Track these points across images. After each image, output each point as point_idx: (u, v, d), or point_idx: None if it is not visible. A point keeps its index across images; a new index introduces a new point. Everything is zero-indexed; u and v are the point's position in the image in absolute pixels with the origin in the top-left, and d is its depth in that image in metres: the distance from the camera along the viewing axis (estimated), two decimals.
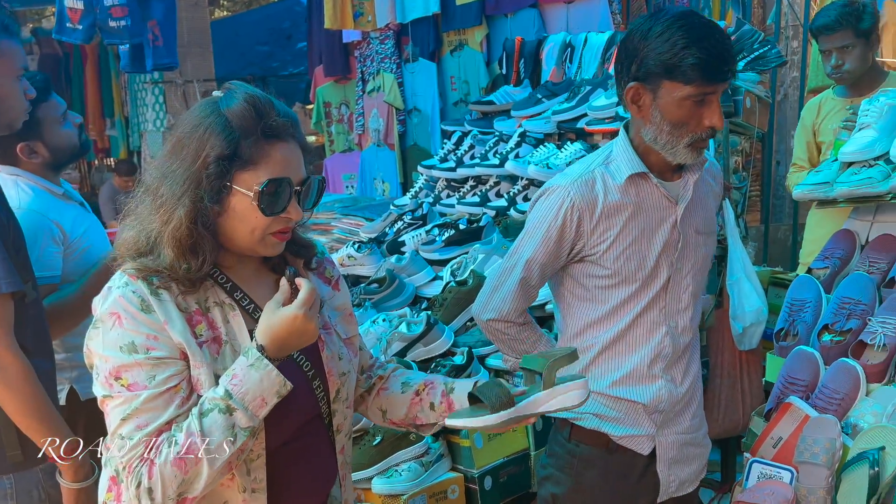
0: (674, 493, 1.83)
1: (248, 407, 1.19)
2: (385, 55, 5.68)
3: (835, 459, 1.82)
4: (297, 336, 1.22)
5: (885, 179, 2.13)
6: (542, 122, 3.49)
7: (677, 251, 1.74)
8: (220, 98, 1.26)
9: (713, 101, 1.60)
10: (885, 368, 1.96)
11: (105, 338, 1.22)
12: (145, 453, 1.18)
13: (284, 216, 1.28)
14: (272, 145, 1.25)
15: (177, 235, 1.23)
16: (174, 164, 1.24)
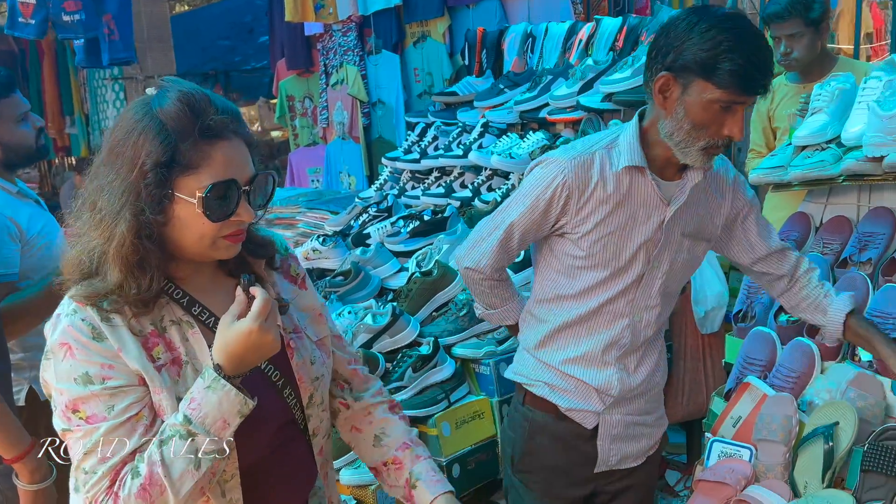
0: (614, 465, 1.89)
1: (209, 430, 1.13)
2: (348, 47, 5.65)
3: (791, 436, 1.86)
4: (254, 350, 1.15)
5: (836, 162, 2.18)
6: (505, 112, 3.51)
7: (656, 249, 1.74)
8: (153, 98, 1.18)
9: (739, 111, 1.56)
10: (839, 347, 2.01)
11: (57, 370, 1.16)
12: (110, 487, 1.14)
13: (235, 219, 1.20)
14: (213, 145, 1.17)
15: (121, 253, 1.15)
16: (110, 175, 1.16)
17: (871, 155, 2.07)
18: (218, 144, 1.17)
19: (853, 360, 1.98)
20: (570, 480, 1.89)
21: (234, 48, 9.70)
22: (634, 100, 3.05)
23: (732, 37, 1.51)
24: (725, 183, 1.82)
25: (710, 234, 1.83)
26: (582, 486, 1.90)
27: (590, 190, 1.69)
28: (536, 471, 1.91)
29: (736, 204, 1.84)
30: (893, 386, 1.86)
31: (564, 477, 1.88)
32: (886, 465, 1.69)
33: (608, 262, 1.74)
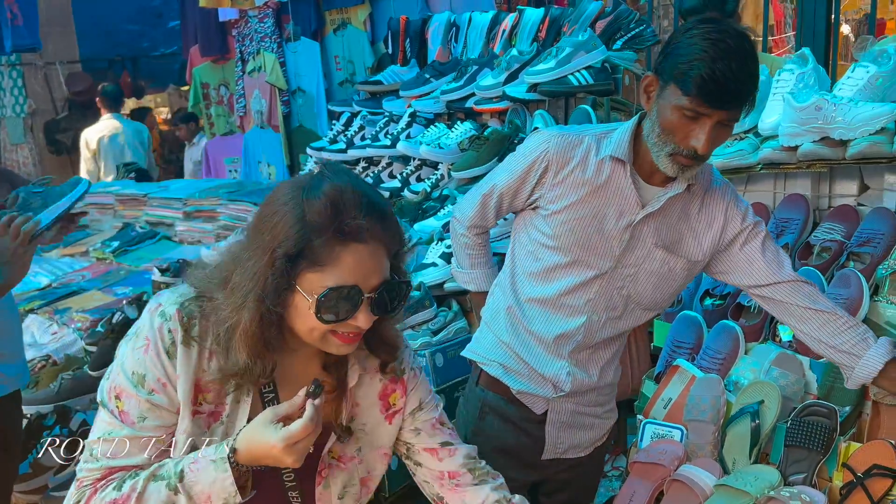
0: (561, 454, 1.92)
1: (192, 497, 1.16)
2: (265, 34, 5.51)
3: (720, 416, 1.94)
4: (271, 461, 1.15)
5: (754, 151, 2.27)
6: (431, 101, 3.51)
7: (620, 249, 1.73)
8: (306, 183, 1.16)
9: (706, 123, 1.53)
10: (761, 328, 2.11)
11: (131, 354, 1.22)
12: (98, 480, 1.20)
13: (351, 322, 1.17)
14: (345, 247, 1.13)
15: (245, 338, 1.16)
16: (247, 253, 1.17)
17: (787, 144, 2.17)
18: (350, 247, 1.14)
19: (774, 340, 2.08)
20: (519, 464, 1.89)
21: (141, 33, 9.29)
22: (559, 90, 3.10)
23: (711, 47, 1.49)
24: (720, 205, 1.77)
25: (691, 253, 1.76)
26: (530, 472, 1.92)
27: (568, 168, 1.71)
28: (486, 452, 1.89)
29: (731, 227, 1.77)
30: (812, 364, 1.97)
31: (513, 460, 1.88)
32: (808, 439, 1.79)
33: (571, 247, 1.73)
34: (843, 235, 2.14)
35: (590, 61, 3.11)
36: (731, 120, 1.56)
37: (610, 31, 3.32)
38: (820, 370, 1.95)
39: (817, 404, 1.83)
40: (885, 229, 2.09)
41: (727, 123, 1.56)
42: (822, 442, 1.78)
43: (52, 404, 2.58)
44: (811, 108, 2.09)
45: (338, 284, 1.13)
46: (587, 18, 3.39)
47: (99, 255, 3.88)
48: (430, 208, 2.98)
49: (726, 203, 1.77)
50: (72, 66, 8.53)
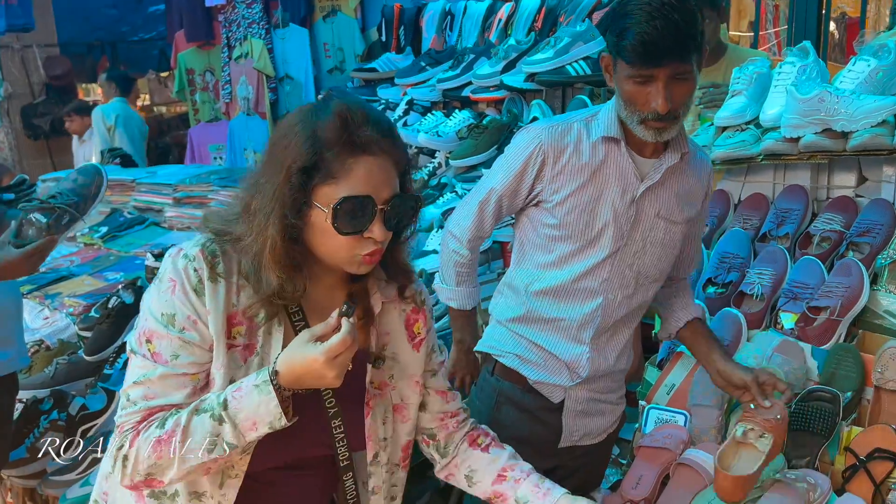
0: (577, 441, 1.93)
1: (237, 425, 1.16)
2: (252, 20, 5.46)
3: (724, 401, 1.98)
4: (313, 378, 1.15)
5: (756, 142, 2.31)
6: (427, 90, 3.50)
7: (629, 225, 1.74)
8: (314, 106, 1.21)
9: (659, 83, 1.56)
10: (763, 315, 2.14)
11: (158, 298, 1.22)
12: (139, 422, 1.20)
13: (367, 235, 1.20)
14: (356, 159, 1.17)
15: (275, 257, 1.18)
16: (263, 178, 1.21)
17: (789, 136, 2.20)
18: (361, 159, 1.18)
19: (776, 327, 2.11)
20: (535, 452, 1.87)
21: (121, 18, 9.14)
22: (557, 80, 3.12)
23: (638, 12, 1.54)
24: (705, 172, 1.84)
25: (687, 217, 1.81)
26: (546, 459, 1.89)
27: (565, 157, 1.71)
28: (503, 440, 1.91)
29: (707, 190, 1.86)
30: (813, 351, 2.01)
31: (529, 448, 1.86)
32: (811, 423, 1.83)
33: (581, 232, 1.74)
34: (842, 226, 2.18)
35: (588, 52, 3.12)
36: (681, 74, 1.58)
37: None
38: (821, 357, 1.99)
39: (821, 389, 1.87)
40: (883, 220, 2.13)
41: (680, 78, 1.58)
42: (825, 426, 1.82)
43: (47, 389, 2.55)
44: (814, 100, 2.12)
45: (351, 194, 1.17)
46: (584, 9, 3.41)
47: (87, 240, 3.83)
48: (428, 196, 2.98)
49: (709, 171, 1.87)
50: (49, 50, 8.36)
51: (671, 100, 1.58)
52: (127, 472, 1.19)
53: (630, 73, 1.59)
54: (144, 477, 1.19)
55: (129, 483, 1.21)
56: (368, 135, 1.18)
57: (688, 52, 1.56)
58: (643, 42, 1.53)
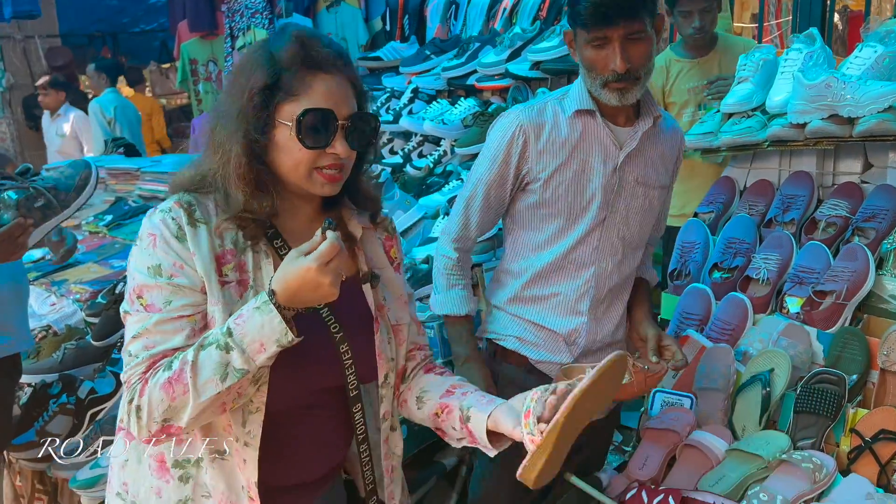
0: None
1: (245, 349, 1.15)
2: (256, 10, 5.44)
3: (730, 384, 2.00)
4: (310, 289, 1.15)
5: (762, 128, 2.31)
6: (432, 78, 3.51)
7: (613, 194, 1.80)
8: (271, 36, 1.27)
9: (614, 44, 1.66)
10: (769, 300, 2.16)
11: (139, 255, 1.24)
12: (144, 372, 1.20)
13: (330, 151, 1.23)
14: (314, 76, 1.22)
15: (239, 174, 1.22)
16: (225, 105, 1.25)
17: (795, 121, 2.21)
18: (319, 76, 1.23)
19: (782, 311, 2.13)
20: None
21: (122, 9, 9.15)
22: (562, 68, 3.12)
23: None
24: (677, 138, 1.94)
25: (663, 181, 1.89)
26: None
27: (545, 134, 1.77)
28: None
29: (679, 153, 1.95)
30: (819, 335, 2.02)
31: None
32: (817, 405, 1.84)
33: (570, 206, 1.80)
34: (847, 211, 2.19)
35: None
36: (635, 33, 1.66)
37: None
38: (827, 341, 2.00)
39: (826, 372, 1.88)
40: (889, 205, 2.14)
41: (635, 38, 1.67)
42: (831, 408, 1.83)
43: (56, 373, 2.56)
44: (821, 86, 2.13)
45: (313, 106, 1.22)
46: None
47: (92, 228, 3.84)
48: (434, 184, 2.99)
49: (680, 136, 1.97)
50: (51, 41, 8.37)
51: (628, 59, 1.67)
52: (142, 422, 1.18)
53: (587, 39, 1.69)
54: (161, 424, 1.18)
55: (146, 435, 1.20)
56: (324, 54, 1.23)
57: (638, 11, 1.65)
58: (595, 4, 1.64)
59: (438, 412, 1.40)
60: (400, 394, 1.50)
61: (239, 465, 1.28)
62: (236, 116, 1.22)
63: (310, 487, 1.41)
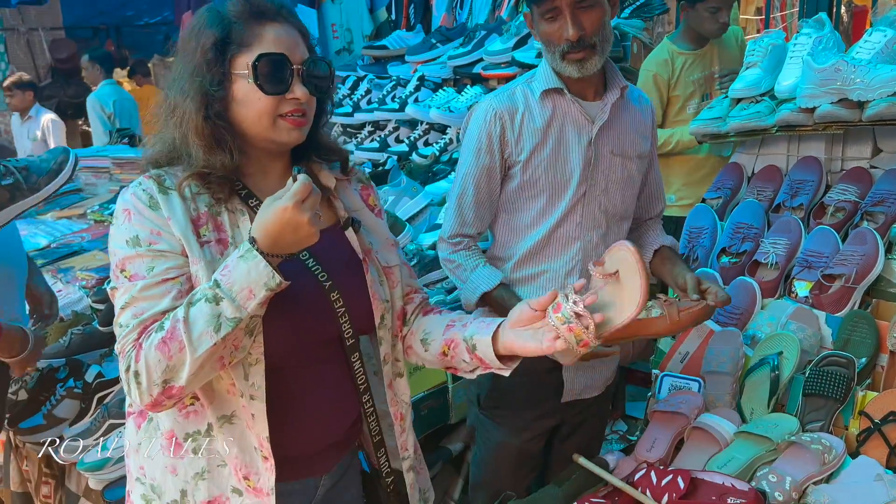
0: (579, 395, 1.99)
1: (234, 297, 1.16)
2: None
3: (738, 367, 1.99)
4: (290, 230, 1.15)
5: (771, 113, 2.31)
6: (438, 66, 3.51)
7: (591, 167, 1.84)
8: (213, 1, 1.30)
9: (563, 14, 1.71)
10: (777, 284, 2.15)
11: (116, 232, 1.25)
12: (136, 339, 1.19)
13: (290, 96, 1.25)
14: (262, 26, 1.25)
15: (196, 128, 1.23)
16: (178, 68, 1.26)
17: (804, 106, 2.21)
18: (268, 25, 1.25)
19: (790, 296, 2.12)
20: (540, 413, 1.96)
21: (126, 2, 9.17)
22: None
23: None
24: (647, 108, 1.97)
25: (640, 150, 1.92)
26: (550, 417, 1.98)
27: (519, 116, 1.81)
28: (505, 405, 1.96)
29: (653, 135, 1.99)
30: (828, 319, 2.02)
31: (533, 409, 1.95)
32: (826, 388, 1.84)
33: (551, 183, 1.83)
34: (856, 196, 2.19)
35: None
36: (583, 1, 1.70)
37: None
38: (836, 324, 2.00)
39: (836, 354, 1.88)
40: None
41: (584, 5, 1.71)
42: (840, 390, 1.83)
43: (63, 358, 2.56)
44: (831, 70, 2.12)
45: (267, 51, 1.24)
46: None
47: (98, 217, 3.84)
48: (440, 171, 2.99)
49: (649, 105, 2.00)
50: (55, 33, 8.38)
51: (580, 27, 1.71)
52: (142, 387, 1.17)
53: (540, 13, 1.74)
54: (161, 386, 1.17)
55: (148, 399, 1.19)
56: (268, 4, 1.27)
57: None
58: None
59: (445, 350, 1.41)
60: (404, 339, 1.50)
61: (248, 424, 1.28)
62: (189, 76, 1.24)
63: (324, 456, 1.41)
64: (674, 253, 2.00)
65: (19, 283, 2.41)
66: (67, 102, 7.90)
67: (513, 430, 1.98)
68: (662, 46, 3.24)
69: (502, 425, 1.98)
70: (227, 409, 1.28)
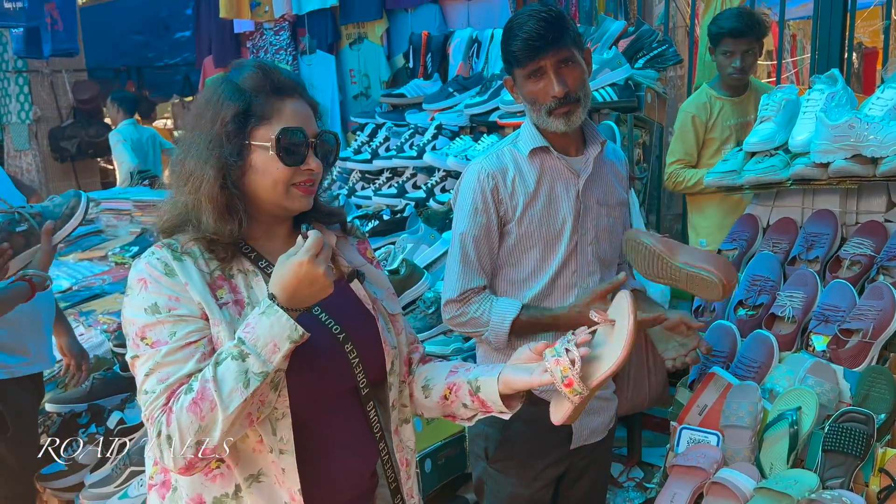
0: (586, 440, 2.03)
1: (260, 352, 1.19)
2: (280, 46, 5.57)
3: (757, 421, 1.99)
4: (307, 284, 1.20)
5: (785, 167, 2.35)
6: (455, 115, 3.57)
7: (580, 219, 1.92)
8: (230, 71, 1.34)
9: (548, 72, 1.80)
10: (794, 337, 2.16)
11: (132, 302, 1.27)
12: (165, 404, 1.21)
13: (304, 168, 1.32)
14: (282, 101, 1.31)
15: (211, 196, 1.28)
16: (194, 136, 1.30)
17: (818, 161, 2.24)
18: (287, 100, 1.32)
19: (808, 349, 2.13)
20: (548, 461, 1.99)
21: (147, 44, 9.35)
22: None
23: (511, 27, 1.82)
24: (620, 160, 2.08)
25: (620, 199, 2.03)
26: (558, 465, 2.01)
27: (510, 175, 1.88)
28: (514, 457, 1.98)
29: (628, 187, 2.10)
30: (846, 373, 2.03)
31: (542, 459, 1.98)
32: (846, 444, 1.84)
33: (545, 237, 1.91)
34: (872, 250, 2.21)
35: (614, 78, 3.19)
36: (566, 59, 1.81)
37: (632, 50, 3.40)
38: (854, 379, 2.00)
39: (855, 410, 1.88)
40: None
41: (567, 63, 1.81)
42: (860, 447, 1.83)
43: (85, 403, 2.60)
44: (844, 127, 2.16)
45: (288, 126, 1.30)
46: (610, 37, 3.47)
47: (118, 259, 3.90)
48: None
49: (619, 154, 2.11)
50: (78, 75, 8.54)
51: (564, 83, 1.80)
52: (175, 451, 1.18)
53: (525, 74, 1.83)
54: (194, 448, 1.18)
55: (182, 464, 1.20)
56: (286, 80, 1.34)
57: (563, 38, 1.80)
58: (525, 39, 1.78)
59: (447, 394, 1.45)
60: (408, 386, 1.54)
61: (278, 480, 1.29)
62: (207, 145, 1.28)
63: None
64: (643, 295, 2.10)
65: (46, 324, 2.46)
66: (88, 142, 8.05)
67: (523, 480, 1.99)
68: (702, 91, 3.40)
69: (512, 476, 1.99)
70: (253, 467, 1.30)
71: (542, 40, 1.78)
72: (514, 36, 1.80)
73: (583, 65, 1.86)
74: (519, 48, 1.79)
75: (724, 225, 3.20)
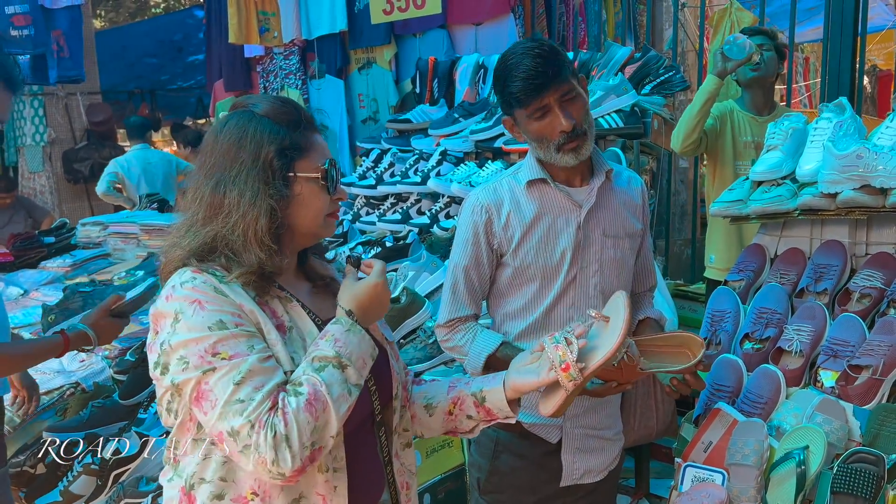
0: (579, 479, 1.97)
1: (355, 366, 1.26)
2: (290, 70, 5.61)
3: (763, 460, 1.94)
4: (378, 304, 1.31)
5: (793, 197, 2.30)
6: (460, 140, 3.55)
7: (581, 251, 1.89)
8: (249, 106, 1.36)
9: (553, 108, 1.77)
10: (802, 372, 2.10)
11: (190, 324, 1.23)
12: (272, 408, 1.20)
13: (337, 196, 1.39)
14: (313, 133, 1.38)
15: (258, 234, 1.28)
16: (232, 171, 1.30)
17: (826, 191, 2.19)
18: (315, 134, 1.39)
19: (816, 385, 2.07)
20: (539, 497, 1.96)
21: (161, 66, 9.46)
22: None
23: (507, 67, 1.78)
24: (636, 186, 2.02)
25: (631, 230, 1.97)
26: (550, 503, 1.96)
27: (506, 206, 1.87)
28: (504, 490, 1.96)
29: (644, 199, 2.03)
30: (855, 411, 1.97)
31: (532, 494, 1.95)
32: (855, 486, 1.78)
33: (542, 269, 1.88)
34: (882, 282, 2.15)
35: (620, 105, 3.16)
36: (568, 93, 1.78)
37: (639, 76, 3.38)
38: (864, 417, 1.94)
39: (864, 451, 1.82)
40: None
41: (570, 97, 1.78)
42: (869, 489, 1.77)
43: (82, 432, 2.57)
44: (852, 157, 2.12)
45: (327, 159, 1.37)
46: (616, 63, 3.45)
47: (123, 283, 3.89)
48: None
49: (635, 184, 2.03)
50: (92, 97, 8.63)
51: (570, 117, 1.77)
52: (294, 451, 1.18)
53: (528, 114, 1.80)
54: (310, 449, 1.20)
55: (298, 464, 1.19)
56: (309, 114, 1.40)
57: (563, 73, 1.77)
58: (525, 79, 1.75)
59: (451, 409, 1.51)
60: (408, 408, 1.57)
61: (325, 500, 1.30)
62: (248, 180, 1.29)
63: None
64: (657, 325, 2.04)
65: None
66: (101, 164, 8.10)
67: None
68: (728, 102, 3.46)
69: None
70: (295, 491, 1.29)
71: (542, 77, 1.75)
72: (512, 77, 1.77)
73: (584, 95, 1.84)
74: (520, 89, 1.76)
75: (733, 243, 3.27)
